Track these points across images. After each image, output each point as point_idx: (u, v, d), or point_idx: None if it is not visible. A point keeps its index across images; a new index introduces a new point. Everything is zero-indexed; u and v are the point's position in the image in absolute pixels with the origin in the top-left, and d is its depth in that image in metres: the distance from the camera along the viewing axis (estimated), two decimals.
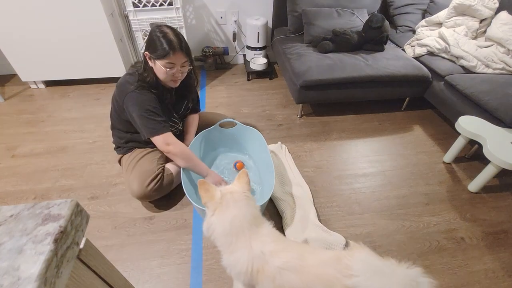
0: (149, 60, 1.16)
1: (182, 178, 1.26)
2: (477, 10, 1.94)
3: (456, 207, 1.45)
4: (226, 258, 0.81)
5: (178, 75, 1.19)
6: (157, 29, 1.11)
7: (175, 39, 1.11)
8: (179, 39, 1.12)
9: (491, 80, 1.68)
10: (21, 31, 1.96)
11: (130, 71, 1.24)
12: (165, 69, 1.14)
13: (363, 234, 1.31)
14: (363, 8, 2.27)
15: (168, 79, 1.19)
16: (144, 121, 1.19)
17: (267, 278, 0.75)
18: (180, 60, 1.14)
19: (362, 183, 1.57)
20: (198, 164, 1.29)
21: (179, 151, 1.24)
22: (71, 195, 1.47)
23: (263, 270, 0.75)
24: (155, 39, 1.10)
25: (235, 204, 0.81)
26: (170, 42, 1.09)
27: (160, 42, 1.09)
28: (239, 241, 0.78)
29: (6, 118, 2.01)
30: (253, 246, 0.77)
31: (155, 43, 1.10)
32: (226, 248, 0.81)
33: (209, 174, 1.31)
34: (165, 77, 1.18)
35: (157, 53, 1.11)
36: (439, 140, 1.89)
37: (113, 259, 1.20)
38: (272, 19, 2.52)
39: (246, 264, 0.76)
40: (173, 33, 1.11)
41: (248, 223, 0.80)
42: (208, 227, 0.83)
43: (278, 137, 1.87)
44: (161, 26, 1.13)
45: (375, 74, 1.84)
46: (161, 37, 1.09)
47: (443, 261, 1.22)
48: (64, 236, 0.37)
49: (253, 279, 0.77)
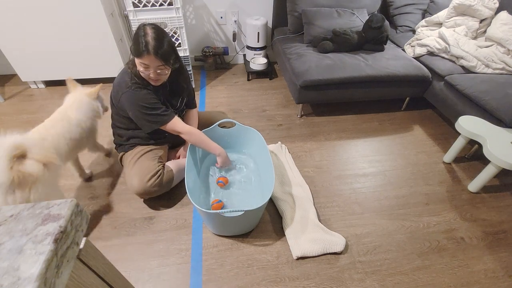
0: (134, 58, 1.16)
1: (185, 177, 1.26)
2: (477, 10, 1.94)
3: (456, 207, 1.45)
4: None
5: (154, 76, 1.17)
6: (142, 28, 1.10)
7: (153, 42, 1.07)
8: (158, 42, 1.08)
9: (491, 80, 1.68)
10: (21, 31, 1.96)
11: (124, 69, 1.25)
12: (140, 67, 1.14)
13: (363, 234, 1.31)
14: (363, 8, 2.27)
15: (147, 76, 1.18)
16: (145, 116, 1.21)
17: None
18: (153, 63, 1.12)
19: (362, 183, 1.57)
20: (209, 145, 1.36)
21: (188, 137, 1.32)
22: (71, 195, 1.47)
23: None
24: (136, 37, 1.10)
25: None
26: (146, 43, 1.07)
27: (138, 41, 1.08)
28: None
29: (6, 118, 2.01)
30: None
31: (136, 41, 1.10)
32: None
33: (221, 154, 1.38)
34: (144, 74, 1.17)
35: (134, 50, 1.11)
36: (439, 140, 1.89)
37: (113, 259, 1.20)
38: (272, 19, 2.52)
39: None
40: (154, 36, 1.08)
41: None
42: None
43: (278, 137, 1.87)
44: (148, 25, 1.12)
45: (375, 74, 1.84)
46: (142, 36, 1.08)
47: (443, 261, 1.22)
48: (64, 236, 0.37)
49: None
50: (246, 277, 1.15)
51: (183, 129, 1.30)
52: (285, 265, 1.19)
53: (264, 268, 1.18)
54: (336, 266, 1.19)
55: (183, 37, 2.03)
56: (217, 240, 1.28)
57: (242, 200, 1.40)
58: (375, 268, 1.19)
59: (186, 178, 1.20)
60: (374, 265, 1.20)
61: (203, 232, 1.31)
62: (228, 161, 1.44)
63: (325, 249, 1.21)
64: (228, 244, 1.27)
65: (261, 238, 1.29)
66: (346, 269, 1.18)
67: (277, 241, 1.28)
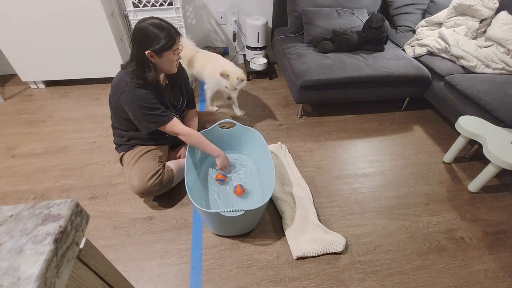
0: (152, 58, 1.15)
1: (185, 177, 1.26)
2: (477, 10, 1.94)
3: (456, 207, 1.45)
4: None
5: (180, 57, 1.25)
6: (149, 25, 1.09)
7: (169, 26, 1.14)
8: (171, 24, 1.16)
9: (491, 80, 1.68)
10: (21, 31, 1.96)
11: (123, 71, 1.22)
12: (174, 56, 1.19)
13: (363, 234, 1.32)
14: (363, 8, 2.27)
15: (174, 65, 1.23)
16: (144, 116, 1.21)
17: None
18: (180, 42, 1.19)
19: (362, 183, 1.57)
20: (207, 147, 1.38)
21: (187, 139, 1.33)
22: (71, 195, 1.47)
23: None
24: (154, 35, 1.09)
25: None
26: (169, 31, 1.12)
27: (160, 35, 1.10)
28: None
29: (6, 118, 2.01)
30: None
31: (157, 38, 1.10)
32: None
33: (219, 155, 1.40)
34: (172, 65, 1.22)
35: (164, 45, 1.12)
36: (439, 140, 1.90)
37: (113, 259, 1.20)
38: (272, 19, 2.52)
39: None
40: (165, 22, 1.14)
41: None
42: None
43: (278, 137, 1.87)
44: (147, 20, 1.11)
45: (375, 74, 1.84)
46: (159, 31, 1.10)
47: (443, 261, 1.22)
48: (64, 236, 0.37)
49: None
50: (246, 277, 1.15)
51: (181, 130, 1.30)
52: (285, 265, 1.19)
53: (264, 268, 1.18)
54: (336, 266, 1.19)
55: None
56: (217, 240, 1.28)
57: (242, 200, 1.40)
58: (375, 268, 1.19)
59: (186, 178, 1.20)
60: (374, 265, 1.20)
61: (203, 232, 1.31)
62: (227, 163, 1.44)
63: (325, 249, 1.21)
64: (228, 244, 1.27)
65: (261, 238, 1.29)
66: (346, 269, 1.18)
67: (277, 241, 1.28)
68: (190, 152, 1.39)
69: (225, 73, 1.65)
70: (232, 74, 1.65)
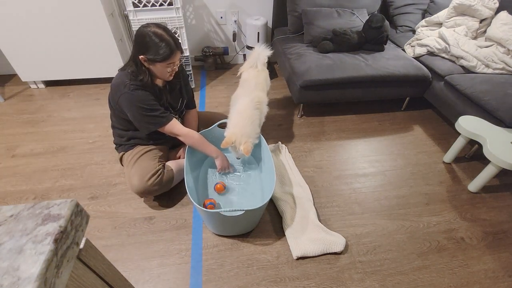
0: (145, 62, 1.16)
1: (185, 177, 1.26)
2: (477, 10, 1.94)
3: (456, 207, 1.45)
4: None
5: (175, 69, 1.24)
6: (150, 32, 1.10)
7: (171, 40, 1.13)
8: (174, 38, 1.15)
9: (491, 80, 1.68)
10: (21, 31, 1.96)
11: (123, 72, 1.22)
12: (166, 69, 1.18)
13: (363, 234, 1.31)
14: (363, 8, 2.27)
15: (167, 76, 1.23)
16: (143, 118, 1.22)
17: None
18: (178, 57, 1.19)
19: (362, 183, 1.57)
20: (207, 148, 1.37)
21: (186, 140, 1.33)
22: (71, 195, 1.47)
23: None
24: (152, 44, 1.10)
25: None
26: (168, 44, 1.11)
27: (159, 46, 1.10)
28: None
29: (6, 118, 2.01)
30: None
31: (154, 47, 1.10)
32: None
33: (219, 156, 1.40)
34: (164, 75, 1.21)
35: (157, 56, 1.12)
36: (439, 140, 1.89)
37: (113, 259, 1.20)
38: (272, 19, 2.52)
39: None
40: (168, 34, 1.13)
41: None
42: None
43: (278, 137, 1.87)
44: (151, 27, 1.11)
45: (375, 74, 1.84)
46: (159, 41, 1.09)
47: (443, 261, 1.22)
48: (64, 236, 0.37)
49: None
50: (246, 277, 1.15)
51: (180, 131, 1.30)
52: (285, 265, 1.19)
53: (264, 268, 1.18)
54: (336, 266, 1.19)
55: (183, 37, 2.03)
56: (217, 240, 1.28)
57: (242, 200, 1.40)
58: (375, 268, 1.19)
59: (186, 178, 1.20)
60: (374, 265, 1.20)
61: (203, 232, 1.31)
62: (227, 164, 1.44)
63: (325, 249, 1.21)
64: (228, 244, 1.27)
65: (261, 238, 1.29)
66: (346, 269, 1.18)
67: (277, 241, 1.28)
68: (190, 152, 1.39)
69: (230, 143, 1.30)
70: (237, 143, 1.31)
